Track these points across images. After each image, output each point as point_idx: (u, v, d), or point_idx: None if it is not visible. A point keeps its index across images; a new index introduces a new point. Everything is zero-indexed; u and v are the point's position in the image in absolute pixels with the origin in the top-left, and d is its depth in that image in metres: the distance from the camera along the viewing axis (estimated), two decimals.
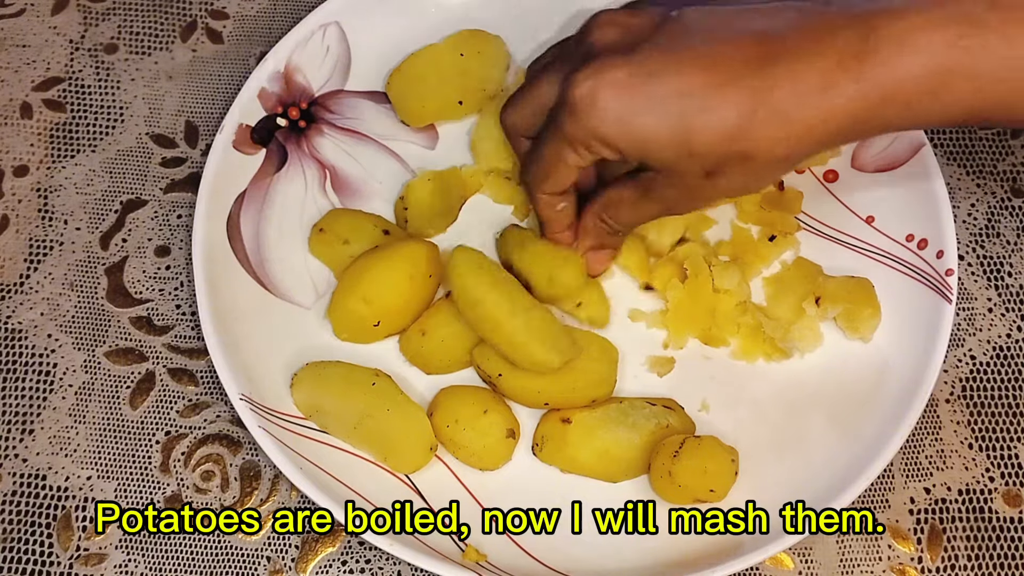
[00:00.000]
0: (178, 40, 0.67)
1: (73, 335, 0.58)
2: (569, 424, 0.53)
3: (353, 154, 0.62)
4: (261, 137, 0.60)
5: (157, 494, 0.55)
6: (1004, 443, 0.57)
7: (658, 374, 0.57)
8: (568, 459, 0.54)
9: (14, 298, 0.59)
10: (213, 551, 0.53)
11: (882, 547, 0.54)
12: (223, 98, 0.65)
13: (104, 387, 0.57)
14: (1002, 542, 0.55)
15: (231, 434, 0.56)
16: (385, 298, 0.54)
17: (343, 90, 0.63)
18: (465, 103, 0.61)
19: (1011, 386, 0.58)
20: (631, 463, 0.53)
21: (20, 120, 0.64)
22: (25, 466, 0.55)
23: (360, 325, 0.55)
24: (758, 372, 0.57)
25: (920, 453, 0.56)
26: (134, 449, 0.56)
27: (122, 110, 0.65)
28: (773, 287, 0.58)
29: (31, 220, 0.61)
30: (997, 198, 0.63)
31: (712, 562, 0.49)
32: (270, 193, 0.60)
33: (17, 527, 0.54)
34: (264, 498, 0.55)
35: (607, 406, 0.54)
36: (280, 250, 0.59)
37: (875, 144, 0.60)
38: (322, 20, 0.62)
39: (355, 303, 0.54)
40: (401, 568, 0.53)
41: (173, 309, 0.59)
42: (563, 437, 0.53)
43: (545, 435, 0.54)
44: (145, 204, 0.62)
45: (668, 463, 0.51)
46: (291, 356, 0.56)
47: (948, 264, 0.56)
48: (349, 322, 0.55)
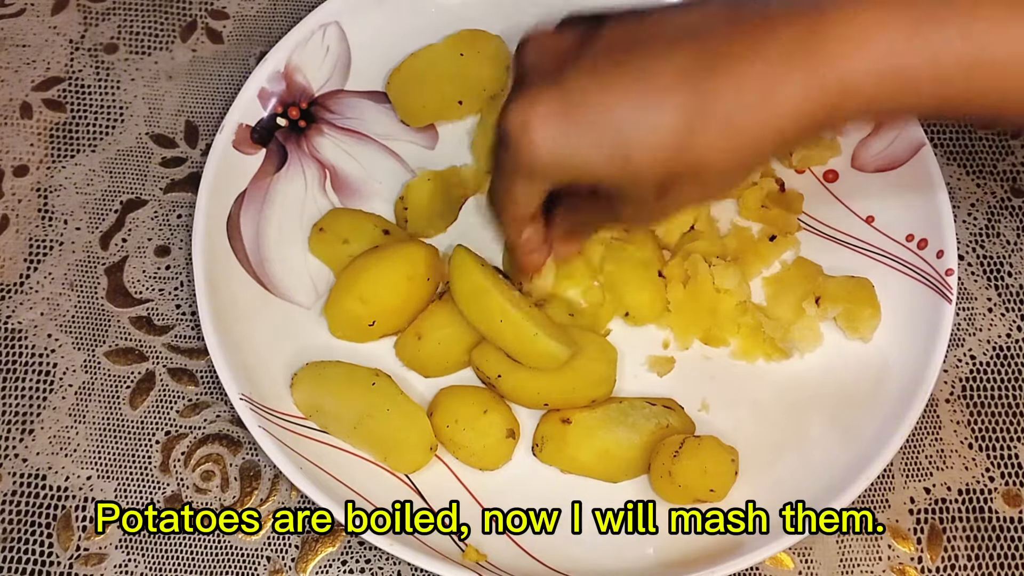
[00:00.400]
0: (178, 40, 0.67)
1: (73, 335, 0.58)
2: (569, 424, 0.53)
3: (353, 154, 0.62)
4: (261, 137, 0.60)
5: (157, 494, 0.55)
6: (1004, 443, 0.57)
7: (658, 374, 0.57)
8: (568, 459, 0.54)
9: (14, 298, 0.59)
10: (213, 551, 0.53)
11: (882, 547, 0.54)
12: (223, 98, 0.65)
13: (104, 387, 0.57)
14: (1002, 542, 0.55)
15: (231, 434, 0.56)
16: (382, 298, 0.54)
17: (343, 90, 0.63)
18: (465, 103, 0.61)
19: (1011, 386, 0.58)
20: (631, 463, 0.53)
21: (20, 120, 0.64)
22: (25, 466, 0.55)
23: (356, 324, 0.55)
24: (758, 372, 0.57)
25: (920, 453, 0.56)
26: (134, 449, 0.56)
27: (122, 110, 0.65)
28: (773, 287, 0.58)
29: (31, 220, 0.61)
30: (997, 198, 0.63)
31: (712, 562, 0.49)
32: (270, 193, 0.60)
33: (17, 527, 0.54)
34: (264, 498, 0.55)
35: (607, 406, 0.54)
36: (280, 250, 0.59)
37: (875, 144, 0.60)
38: (322, 20, 0.62)
39: (352, 302, 0.54)
40: (401, 568, 0.53)
41: (173, 309, 0.59)
42: (563, 437, 0.53)
43: (545, 435, 0.54)
44: (145, 204, 0.62)
45: (668, 463, 0.51)
46: (291, 356, 0.56)
47: (948, 264, 0.56)
48: (345, 320, 0.55)
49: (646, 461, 0.53)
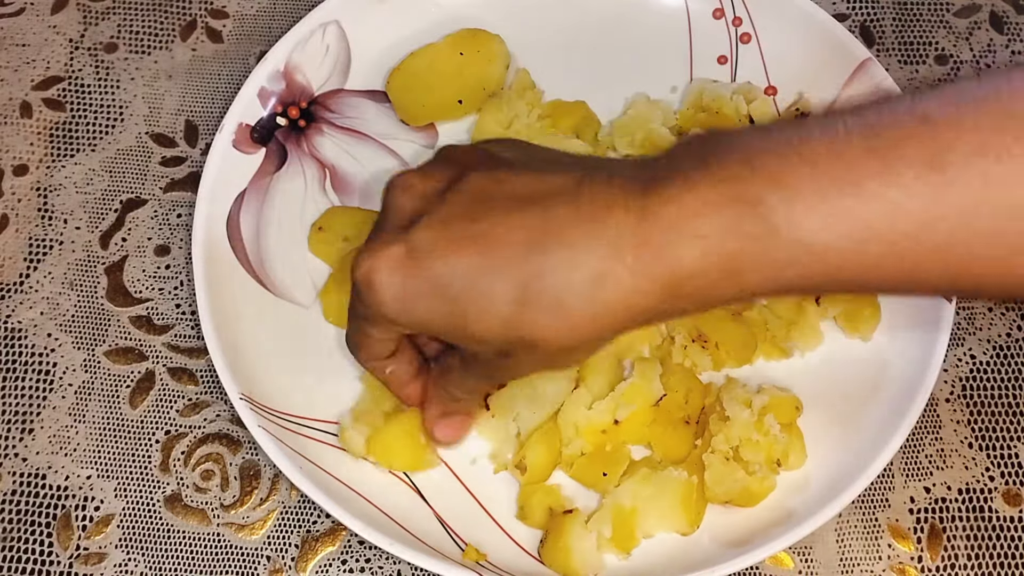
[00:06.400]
0: (178, 39, 0.67)
1: (73, 334, 0.58)
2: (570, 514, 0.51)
3: (353, 153, 0.62)
4: (261, 136, 0.60)
5: (157, 493, 0.55)
6: (1004, 442, 0.57)
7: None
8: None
9: (14, 297, 0.59)
10: (213, 550, 0.53)
11: (882, 546, 0.54)
12: (223, 97, 0.65)
13: (104, 386, 0.57)
14: (1002, 541, 0.55)
15: (231, 433, 0.56)
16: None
17: (343, 89, 0.63)
18: (465, 102, 0.61)
19: (1011, 385, 0.58)
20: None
21: (20, 119, 0.64)
22: (25, 465, 0.55)
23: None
24: (758, 372, 0.57)
25: (920, 452, 0.56)
26: (134, 448, 0.56)
27: (122, 109, 0.65)
28: None
29: (31, 219, 0.61)
30: None
31: (712, 561, 0.49)
32: (270, 192, 0.60)
33: (17, 527, 0.54)
34: (264, 497, 0.55)
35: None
36: (280, 249, 0.59)
37: None
38: (322, 19, 0.62)
39: (347, 295, 0.55)
40: (401, 568, 0.53)
41: (173, 308, 0.59)
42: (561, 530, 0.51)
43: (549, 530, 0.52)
44: (145, 203, 0.62)
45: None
46: (291, 355, 0.56)
47: None
48: (338, 309, 0.56)
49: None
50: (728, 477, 0.51)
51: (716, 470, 0.51)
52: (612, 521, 0.50)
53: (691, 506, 0.51)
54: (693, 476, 0.51)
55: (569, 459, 0.53)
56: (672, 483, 0.51)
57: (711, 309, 0.41)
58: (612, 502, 0.51)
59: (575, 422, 0.52)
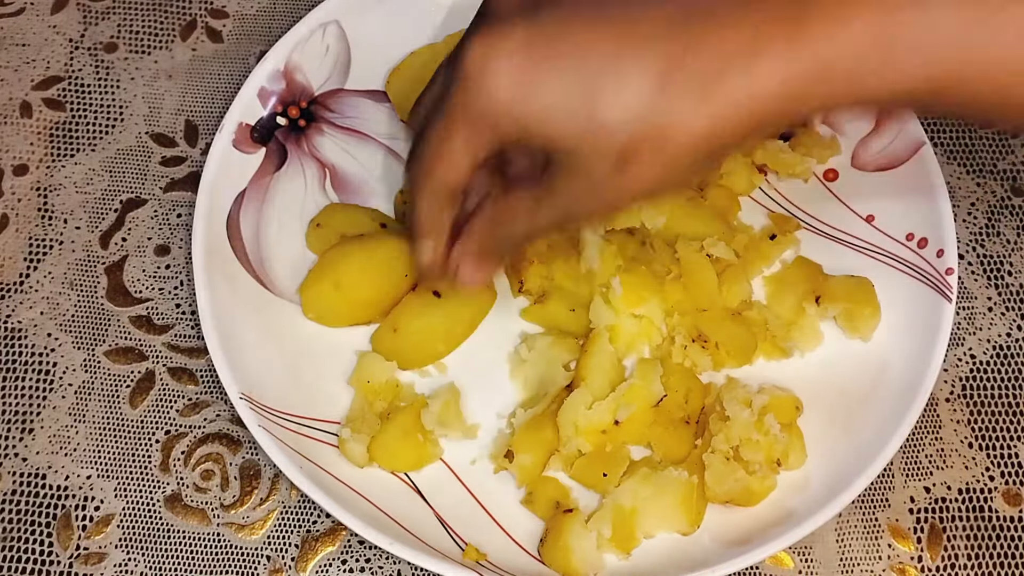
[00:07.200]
0: (178, 39, 0.67)
1: (73, 334, 0.58)
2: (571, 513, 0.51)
3: (353, 153, 0.62)
4: (261, 136, 0.60)
5: (157, 493, 0.55)
6: (1004, 442, 0.57)
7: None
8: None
9: (14, 297, 0.59)
10: (213, 550, 0.53)
11: (882, 546, 0.54)
12: (223, 97, 0.65)
13: (104, 386, 0.57)
14: (1002, 541, 0.55)
15: (231, 433, 0.56)
16: (358, 287, 0.55)
17: (343, 89, 0.63)
18: None
19: (1011, 385, 0.58)
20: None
21: (20, 119, 0.64)
22: (25, 465, 0.55)
23: (328, 308, 0.56)
24: (758, 372, 0.57)
25: (920, 452, 0.56)
26: (134, 448, 0.56)
27: (122, 109, 0.65)
28: (773, 286, 0.58)
29: (31, 219, 0.61)
30: (997, 197, 0.63)
31: (712, 561, 0.49)
32: (270, 192, 0.60)
33: (17, 526, 0.54)
34: (264, 497, 0.55)
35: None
36: (280, 249, 0.59)
37: (875, 143, 0.60)
38: (322, 19, 0.62)
39: (327, 286, 0.55)
40: (401, 567, 0.53)
41: (173, 308, 0.59)
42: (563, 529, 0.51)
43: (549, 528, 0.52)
44: (145, 203, 0.62)
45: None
46: (291, 355, 0.56)
47: (948, 263, 0.56)
48: (317, 302, 0.56)
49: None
50: (728, 477, 0.51)
51: (716, 470, 0.51)
52: (612, 521, 0.50)
53: (691, 506, 0.51)
54: (693, 476, 0.51)
55: (569, 459, 0.53)
56: (672, 483, 0.51)
57: (853, 106, 0.39)
58: (612, 502, 0.51)
59: (575, 422, 0.52)
